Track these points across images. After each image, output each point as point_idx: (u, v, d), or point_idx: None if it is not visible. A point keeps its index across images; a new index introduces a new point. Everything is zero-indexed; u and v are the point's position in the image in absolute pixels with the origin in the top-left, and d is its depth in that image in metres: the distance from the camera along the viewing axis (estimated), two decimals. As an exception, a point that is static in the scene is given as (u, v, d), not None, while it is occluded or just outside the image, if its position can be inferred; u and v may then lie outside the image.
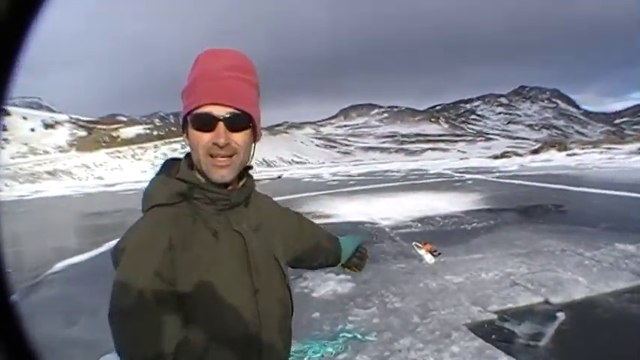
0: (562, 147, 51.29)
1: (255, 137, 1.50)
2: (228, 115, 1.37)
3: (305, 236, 1.88)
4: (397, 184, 27.07)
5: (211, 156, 1.38)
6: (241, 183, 1.52)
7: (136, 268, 1.27)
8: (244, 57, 1.46)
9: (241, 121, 1.40)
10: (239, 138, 1.40)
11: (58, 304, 6.91)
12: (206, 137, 1.37)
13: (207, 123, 1.37)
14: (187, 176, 1.43)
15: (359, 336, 5.16)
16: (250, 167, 1.57)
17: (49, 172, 53.57)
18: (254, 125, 1.45)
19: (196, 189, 1.42)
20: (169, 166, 1.52)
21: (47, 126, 74.83)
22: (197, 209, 1.41)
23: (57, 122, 76.71)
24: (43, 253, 9.26)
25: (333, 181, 32.92)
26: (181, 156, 1.55)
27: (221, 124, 1.36)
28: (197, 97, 1.37)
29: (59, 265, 9.31)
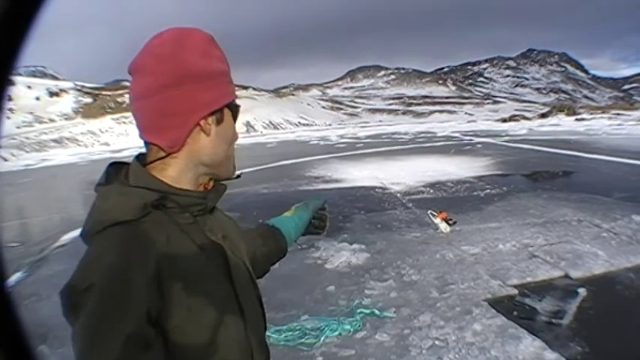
0: (571, 111, 50.61)
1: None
2: None
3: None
4: (406, 147, 26.75)
5: None
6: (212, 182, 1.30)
7: (119, 310, 0.97)
8: None
9: None
10: None
11: (65, 281, 7.03)
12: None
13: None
14: (151, 182, 1.14)
15: (377, 312, 5.03)
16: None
17: (55, 140, 53.39)
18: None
19: (168, 196, 1.13)
20: (118, 171, 1.19)
21: (52, 94, 74.25)
22: (166, 222, 1.12)
23: (62, 90, 75.98)
24: (50, 225, 8.94)
25: (341, 143, 32.63)
26: (129, 160, 1.22)
27: None
28: (226, 89, 1.24)
29: (66, 238, 9.10)
